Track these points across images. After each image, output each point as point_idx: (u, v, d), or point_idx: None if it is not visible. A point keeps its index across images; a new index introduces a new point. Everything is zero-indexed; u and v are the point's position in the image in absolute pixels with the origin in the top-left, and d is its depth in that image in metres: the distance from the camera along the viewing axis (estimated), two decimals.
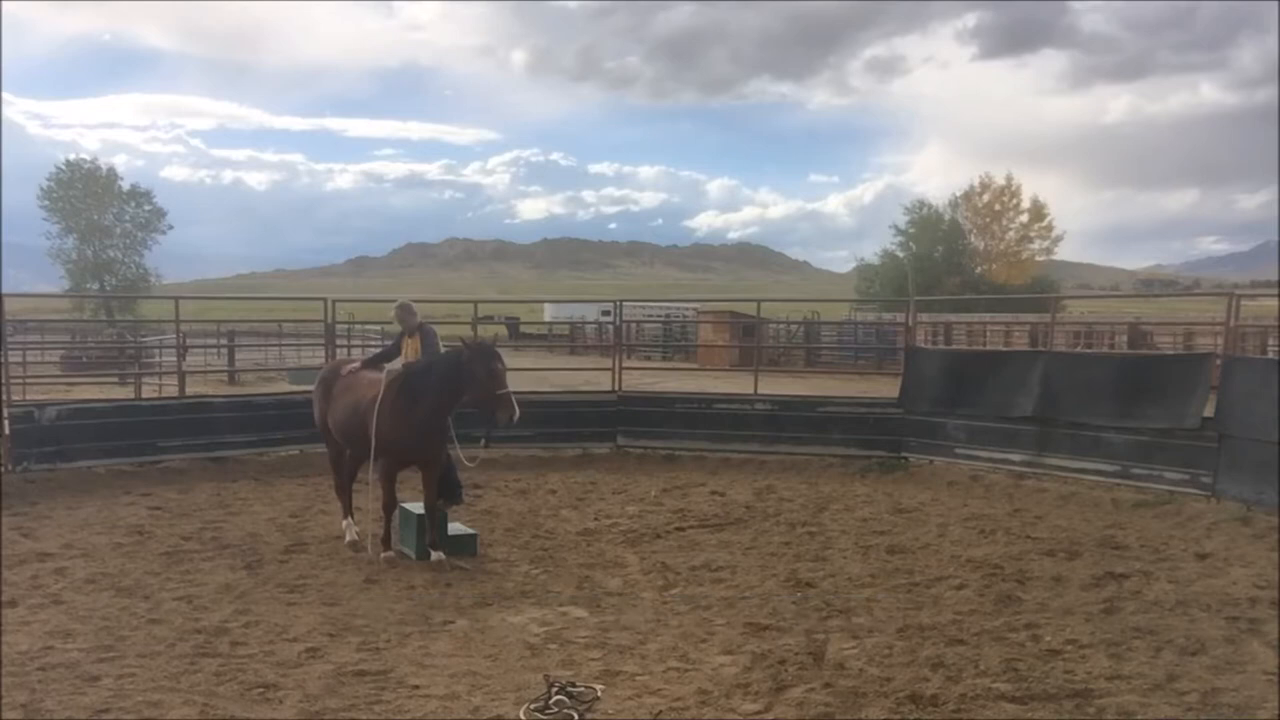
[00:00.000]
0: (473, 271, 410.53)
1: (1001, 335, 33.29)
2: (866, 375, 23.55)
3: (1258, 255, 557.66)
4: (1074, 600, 6.95)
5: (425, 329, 8.74)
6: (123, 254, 64.34)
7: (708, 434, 13.47)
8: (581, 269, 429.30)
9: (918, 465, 12.54)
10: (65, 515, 9.52)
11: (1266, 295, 46.75)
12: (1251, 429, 9.74)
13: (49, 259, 62.91)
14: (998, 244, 64.05)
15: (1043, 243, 64.76)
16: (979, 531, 9.15)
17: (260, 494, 10.82)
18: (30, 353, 22.01)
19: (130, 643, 6.02)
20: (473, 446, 9.33)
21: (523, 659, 5.92)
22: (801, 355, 30.75)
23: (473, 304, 15.18)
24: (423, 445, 8.15)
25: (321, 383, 9.10)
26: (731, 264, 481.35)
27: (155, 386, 19.64)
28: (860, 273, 69.74)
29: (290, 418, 12.34)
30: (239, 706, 5.12)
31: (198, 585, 7.29)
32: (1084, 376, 11.55)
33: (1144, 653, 5.83)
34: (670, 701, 5.21)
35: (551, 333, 46.29)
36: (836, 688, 5.28)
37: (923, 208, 64.61)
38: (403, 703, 5.20)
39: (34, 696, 5.16)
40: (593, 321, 45.60)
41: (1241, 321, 13.15)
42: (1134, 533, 9.10)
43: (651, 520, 9.72)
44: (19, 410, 11.45)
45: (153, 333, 27.04)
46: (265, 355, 27.45)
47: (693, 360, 32.54)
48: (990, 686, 5.27)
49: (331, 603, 6.99)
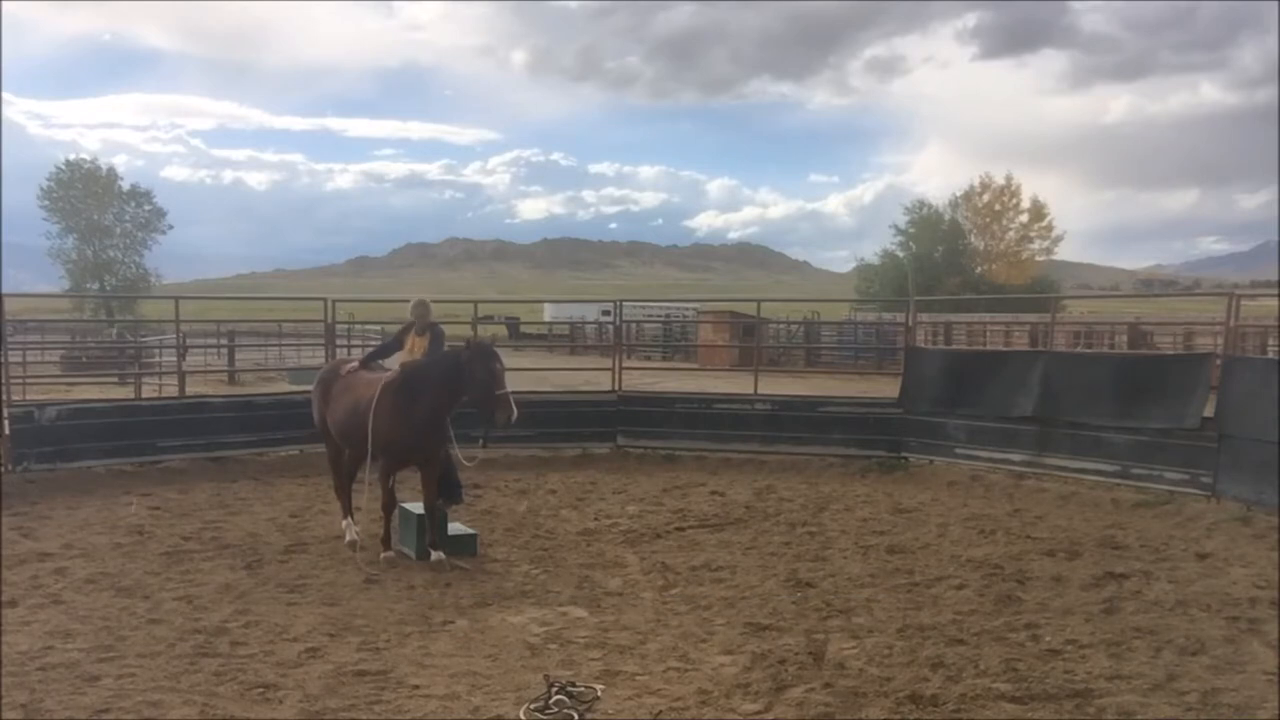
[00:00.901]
0: (473, 271, 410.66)
1: (1001, 335, 33.28)
2: (866, 375, 23.56)
3: (1258, 255, 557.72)
4: (1074, 600, 6.94)
5: (435, 329, 8.70)
6: (123, 254, 64.43)
7: (708, 434, 13.47)
8: (581, 269, 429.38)
9: (918, 465, 12.54)
10: (65, 515, 9.52)
11: (1266, 295, 46.75)
12: (1251, 429, 9.74)
13: (49, 259, 62.96)
14: (998, 244, 64.10)
15: (1043, 243, 64.90)
16: (979, 531, 9.15)
17: (260, 494, 10.82)
18: (30, 353, 22.00)
19: (130, 643, 6.02)
20: (472, 446, 9.33)
21: (523, 659, 5.92)
22: (801, 355, 30.74)
23: (473, 304, 15.18)
24: (422, 445, 8.15)
25: (321, 383, 9.09)
26: (731, 264, 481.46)
27: (155, 386, 19.64)
28: (860, 273, 69.77)
29: (290, 418, 12.32)
30: (239, 706, 5.12)
31: (198, 585, 7.29)
32: (1084, 376, 11.55)
33: (1144, 653, 5.83)
34: (670, 701, 5.21)
35: (551, 333, 46.29)
36: (836, 688, 5.28)
37: (923, 208, 64.72)
38: (403, 703, 5.20)
39: (34, 696, 5.16)
40: (593, 321, 45.60)
41: (1241, 321, 13.14)
42: (1134, 533, 9.10)
43: (651, 520, 9.72)
44: (19, 410, 11.45)
45: (153, 333, 27.05)
46: (265, 355, 27.45)
47: (693, 360, 32.55)
48: (990, 686, 5.27)
49: (331, 603, 6.99)
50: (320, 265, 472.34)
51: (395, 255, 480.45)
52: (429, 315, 8.77)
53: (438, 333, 8.68)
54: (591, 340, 40.90)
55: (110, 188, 63.73)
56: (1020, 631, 6.24)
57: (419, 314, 8.74)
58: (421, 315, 8.73)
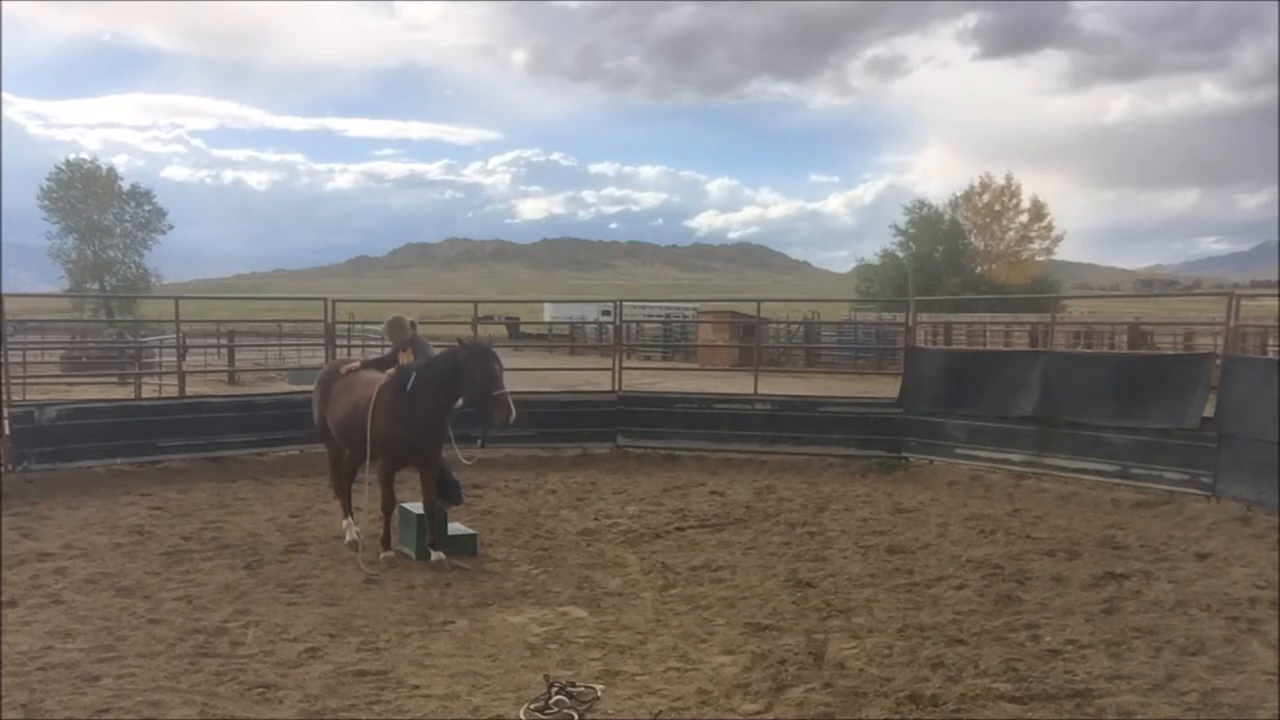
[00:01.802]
0: (473, 271, 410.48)
1: (1001, 335, 33.28)
2: (866, 375, 23.56)
3: (1258, 255, 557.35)
4: (1074, 600, 6.95)
5: (418, 343, 8.51)
6: (123, 254, 64.46)
7: (708, 434, 13.47)
8: (581, 269, 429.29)
9: (918, 465, 12.54)
10: (65, 515, 9.52)
11: (1266, 295, 46.73)
12: (1251, 429, 9.74)
13: (49, 259, 62.97)
14: (998, 244, 64.11)
15: (1043, 243, 64.92)
16: (979, 531, 9.15)
17: (260, 494, 10.82)
18: (30, 353, 22.01)
19: (130, 643, 6.02)
20: (470, 447, 9.32)
21: (523, 659, 5.92)
22: (801, 355, 30.75)
23: (473, 304, 15.18)
24: (421, 445, 8.15)
25: (321, 383, 9.10)
26: (731, 264, 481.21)
27: (155, 386, 19.64)
28: (860, 273, 69.77)
29: (290, 418, 12.32)
30: (239, 706, 5.12)
31: (198, 585, 7.29)
32: (1084, 376, 11.55)
33: (1144, 653, 5.83)
34: (670, 701, 5.21)
35: (551, 333, 46.29)
36: (836, 688, 5.28)
37: (923, 208, 64.75)
38: (403, 703, 5.20)
39: (34, 696, 5.16)
40: (593, 321, 45.60)
41: (1241, 321, 13.14)
42: (1134, 533, 9.10)
43: (651, 520, 9.72)
44: (19, 410, 11.45)
45: (153, 333, 27.05)
46: (265, 355, 27.46)
47: (693, 360, 32.54)
48: (990, 686, 5.27)
49: (331, 603, 6.99)
50: (320, 265, 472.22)
51: (395, 255, 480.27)
52: (406, 332, 8.53)
53: (419, 345, 8.48)
54: (591, 340, 40.91)
55: (110, 188, 63.75)
56: (1020, 631, 6.24)
57: (394, 336, 8.58)
58: (397, 337, 8.57)
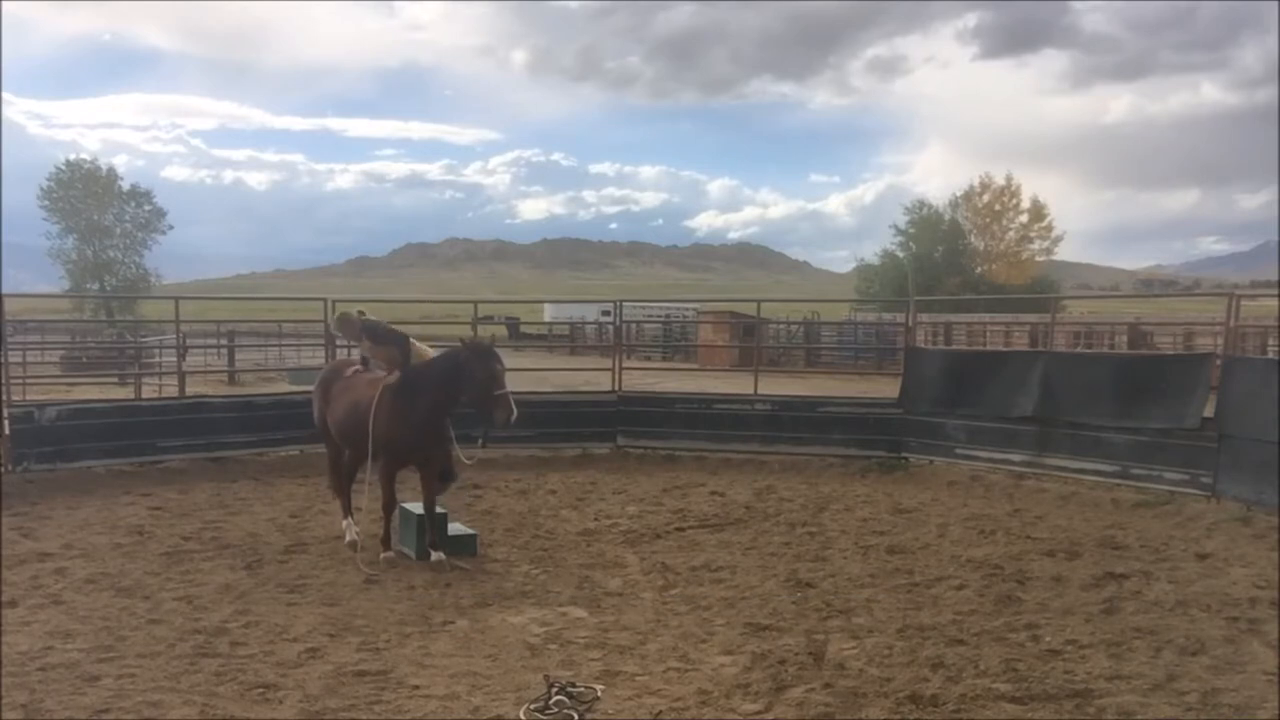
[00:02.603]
0: (473, 271, 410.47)
1: (1001, 335, 33.29)
2: (866, 375, 23.57)
3: (1258, 255, 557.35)
4: (1074, 600, 6.94)
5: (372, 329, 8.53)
6: (123, 254, 64.43)
7: (708, 434, 13.47)
8: (581, 269, 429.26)
9: (918, 465, 12.54)
10: (65, 515, 9.52)
11: (1266, 295, 46.75)
12: (1251, 429, 9.74)
13: (49, 259, 62.96)
14: (998, 244, 64.09)
15: (1043, 243, 64.90)
16: (979, 531, 9.15)
17: (260, 494, 10.82)
18: (30, 353, 22.02)
19: (130, 643, 6.02)
20: (471, 446, 9.32)
21: (523, 659, 5.91)
22: (801, 355, 30.76)
23: (473, 304, 15.17)
24: (421, 445, 8.15)
25: (321, 383, 9.10)
26: (731, 264, 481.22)
27: (155, 386, 19.65)
28: (860, 273, 69.76)
29: (290, 418, 12.33)
30: (239, 706, 5.12)
31: (198, 585, 7.29)
32: (1084, 376, 11.55)
33: (1144, 653, 5.83)
34: (670, 701, 5.21)
35: (551, 333, 46.29)
36: (836, 688, 5.28)
37: (923, 208, 64.73)
38: (403, 703, 5.20)
39: (34, 696, 5.16)
40: (593, 322, 45.61)
41: (1241, 321, 13.14)
42: (1134, 533, 9.10)
43: (651, 520, 9.72)
44: (19, 410, 11.46)
45: (153, 333, 27.05)
46: (265, 355, 27.48)
47: (693, 360, 32.55)
48: (990, 686, 5.27)
49: (331, 603, 6.99)
50: (320, 265, 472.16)
51: (395, 255, 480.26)
52: (355, 327, 8.55)
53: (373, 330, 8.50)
54: (591, 340, 40.92)
55: (110, 188, 63.74)
56: (1020, 632, 6.24)
57: (346, 332, 8.69)
58: (349, 332, 8.66)
